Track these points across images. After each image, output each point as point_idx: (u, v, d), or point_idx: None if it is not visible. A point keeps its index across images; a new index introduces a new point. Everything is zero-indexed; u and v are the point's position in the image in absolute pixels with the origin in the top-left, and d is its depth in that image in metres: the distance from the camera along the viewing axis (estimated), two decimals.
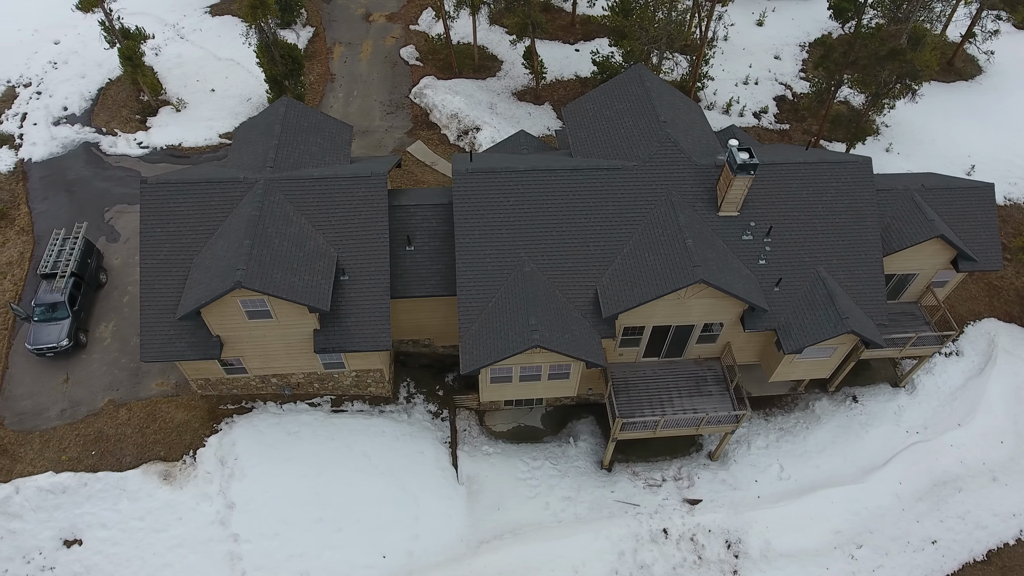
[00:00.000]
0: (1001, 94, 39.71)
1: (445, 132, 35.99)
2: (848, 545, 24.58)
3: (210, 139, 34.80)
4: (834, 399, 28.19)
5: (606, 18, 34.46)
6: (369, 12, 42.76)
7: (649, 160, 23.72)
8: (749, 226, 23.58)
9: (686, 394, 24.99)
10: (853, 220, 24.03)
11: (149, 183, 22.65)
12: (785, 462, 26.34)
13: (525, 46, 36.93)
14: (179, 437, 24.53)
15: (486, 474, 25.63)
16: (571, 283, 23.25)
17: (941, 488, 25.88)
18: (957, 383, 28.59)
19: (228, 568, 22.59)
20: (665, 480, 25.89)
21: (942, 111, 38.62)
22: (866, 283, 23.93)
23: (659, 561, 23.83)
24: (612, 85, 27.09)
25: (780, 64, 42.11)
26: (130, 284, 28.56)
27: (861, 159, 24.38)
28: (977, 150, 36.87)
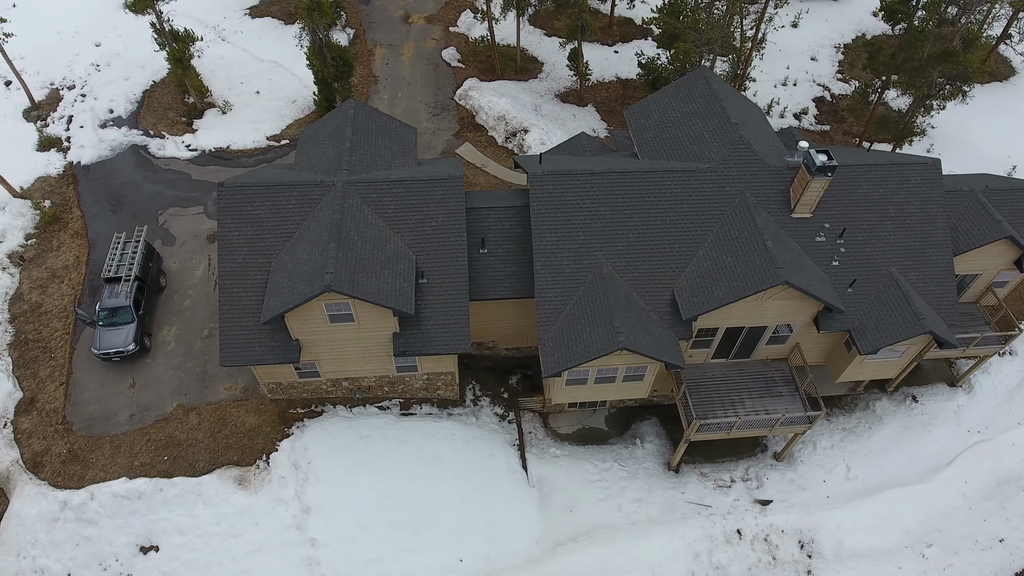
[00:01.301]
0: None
1: (492, 134, 36.01)
2: (918, 544, 24.75)
3: (258, 141, 34.69)
4: (893, 399, 28.35)
5: (654, 20, 34.53)
6: (408, 14, 42.72)
7: (723, 162, 23.82)
8: (823, 228, 23.70)
9: (756, 395, 25.10)
10: (923, 221, 24.21)
11: (227, 186, 22.57)
12: (851, 462, 26.48)
13: (571, 48, 36.96)
14: (251, 442, 24.41)
15: (556, 476, 25.66)
16: (647, 285, 23.32)
17: (1006, 487, 26.09)
18: (1014, 382, 28.82)
19: (307, 572, 22.51)
20: (734, 481, 26.00)
21: (980, 112, 38.89)
22: (937, 284, 24.11)
23: (734, 562, 23.91)
24: (676, 87, 27.19)
25: (816, 65, 42.36)
26: (189, 288, 28.44)
27: (930, 160, 24.57)
28: (1016, 151, 37.17)
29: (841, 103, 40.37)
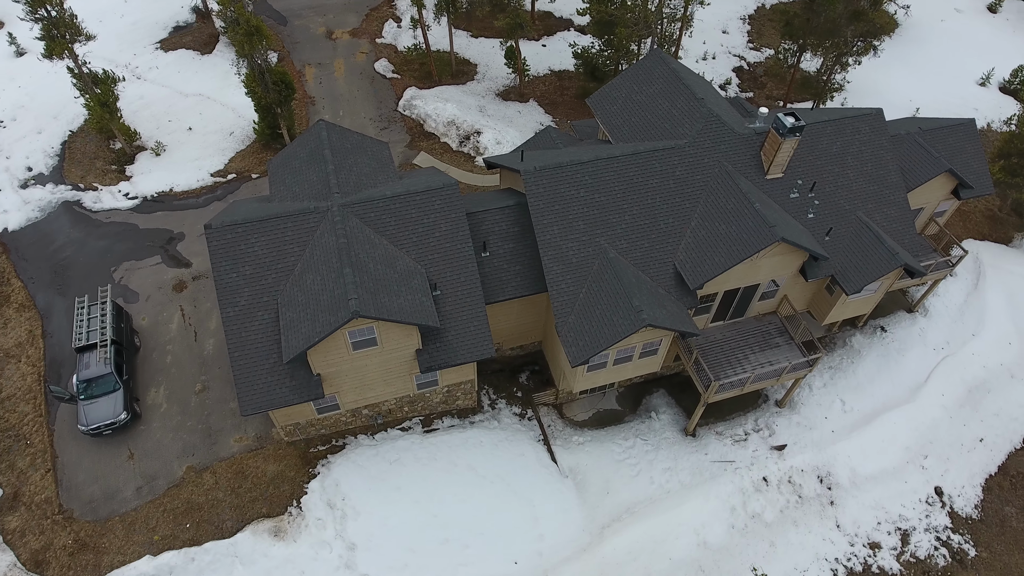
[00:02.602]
0: (922, 44, 44.46)
1: (446, 140, 35.84)
2: (917, 458, 27.11)
3: (203, 180, 32.83)
4: (865, 333, 30.80)
5: (586, 9, 35.45)
6: (330, 30, 41.64)
7: (698, 136, 25.00)
8: (796, 184, 25.40)
9: (757, 350, 26.56)
10: (878, 167, 26.44)
11: (215, 227, 21.35)
12: (844, 397, 28.57)
13: (506, 47, 37.36)
14: (277, 490, 23.27)
15: (585, 463, 26.09)
16: (650, 262, 24.16)
17: (975, 392, 29.03)
18: (961, 300, 32.03)
19: None
20: (748, 434, 27.40)
21: (879, 65, 42.71)
22: (898, 221, 26.44)
23: (767, 508, 25.28)
24: (635, 71, 28.19)
25: (729, 38, 45.00)
26: (167, 343, 26.64)
27: (874, 111, 26.84)
28: (915, 95, 41.17)
29: (758, 70, 43.13)
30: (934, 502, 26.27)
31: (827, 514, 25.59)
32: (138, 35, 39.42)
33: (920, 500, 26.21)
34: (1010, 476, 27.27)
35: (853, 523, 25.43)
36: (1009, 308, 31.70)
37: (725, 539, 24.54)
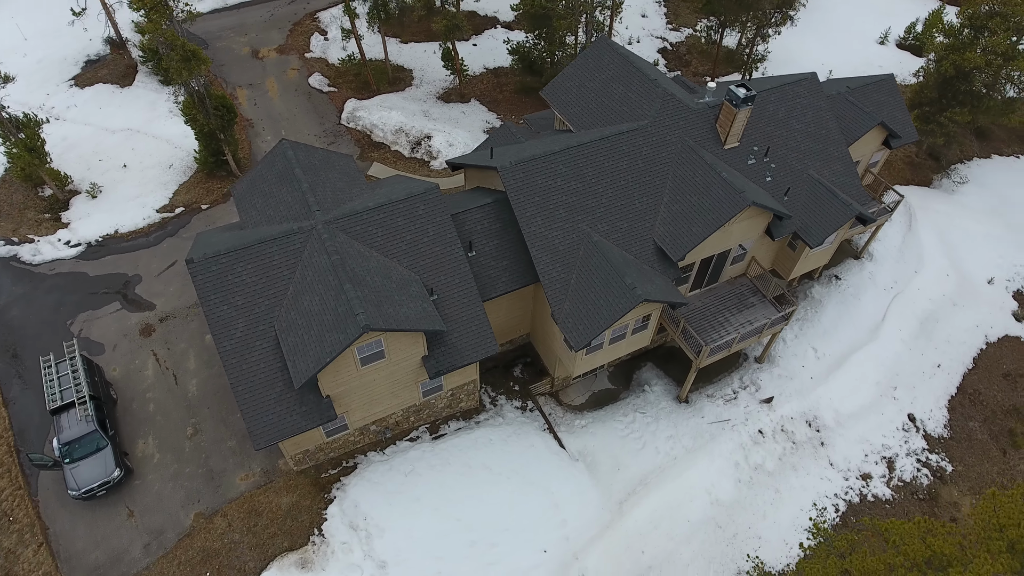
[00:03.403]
0: (827, 11, 47.59)
1: (396, 148, 35.51)
2: (888, 391, 29.26)
3: (149, 217, 31.17)
4: (822, 283, 32.87)
5: (518, 5, 35.86)
6: (255, 49, 40.31)
7: (658, 115, 25.98)
8: (752, 151, 26.84)
9: (736, 311, 27.90)
10: (820, 127, 28.27)
11: (197, 260, 20.46)
12: (815, 345, 30.43)
13: (443, 49, 37.36)
14: (295, 521, 22.59)
15: (592, 444, 26.66)
16: (631, 240, 24.95)
17: (926, 323, 31.60)
18: (899, 242, 34.70)
19: None
20: (737, 392, 28.74)
21: (793, 34, 45.34)
22: (844, 175, 28.37)
23: (767, 458, 26.68)
24: (584, 60, 28.92)
25: (649, 21, 46.66)
26: (147, 391, 25.28)
27: (809, 76, 28.65)
28: (827, 59, 44.08)
29: (681, 49, 44.98)
30: (909, 428, 28.45)
31: (820, 455, 27.26)
32: (47, 73, 36.88)
33: (897, 428, 28.32)
34: (968, 394, 29.86)
35: (844, 459, 27.21)
36: (941, 244, 34.63)
37: (735, 494, 25.73)
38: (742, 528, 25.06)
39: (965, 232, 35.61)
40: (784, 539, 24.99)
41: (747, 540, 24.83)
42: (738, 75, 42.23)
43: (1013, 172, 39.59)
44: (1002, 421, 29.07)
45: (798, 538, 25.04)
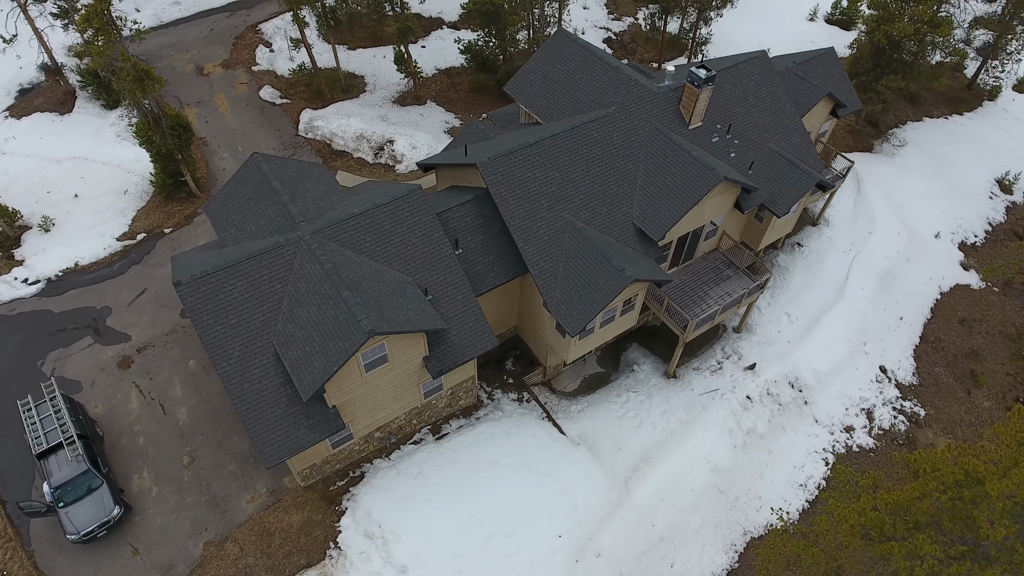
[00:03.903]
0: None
1: (359, 155, 35.17)
2: (859, 346, 30.84)
3: (110, 247, 29.96)
4: (786, 251, 34.33)
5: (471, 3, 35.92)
6: (199, 66, 39.14)
7: (624, 101, 26.64)
8: (716, 129, 27.84)
9: (713, 285, 28.88)
10: (774, 102, 29.54)
11: (185, 283, 19.90)
12: (787, 310, 31.78)
13: (396, 52, 37.17)
14: (309, 537, 22.24)
15: (591, 427, 27.16)
16: (611, 224, 25.53)
17: (885, 280, 33.43)
18: (851, 207, 36.55)
19: None
20: (721, 363, 29.75)
21: (731, 17, 46.80)
22: (800, 146, 29.73)
23: (758, 421, 27.77)
24: (545, 53, 29.35)
25: (591, 13, 47.53)
26: (135, 424, 24.39)
27: (760, 54, 29.89)
28: (763, 39, 45.77)
29: (625, 38, 46.02)
30: (882, 379, 30.07)
31: (805, 413, 28.55)
32: None
33: (871, 380, 29.89)
34: (930, 342, 31.76)
35: (827, 415, 28.57)
36: (889, 205, 36.67)
37: (732, 459, 26.69)
38: (742, 491, 26.04)
39: (909, 192, 37.79)
40: (782, 496, 26.10)
41: (748, 501, 25.82)
42: (684, 59, 43.55)
43: (944, 133, 42.21)
44: (963, 364, 31.06)
45: (794, 494, 26.23)
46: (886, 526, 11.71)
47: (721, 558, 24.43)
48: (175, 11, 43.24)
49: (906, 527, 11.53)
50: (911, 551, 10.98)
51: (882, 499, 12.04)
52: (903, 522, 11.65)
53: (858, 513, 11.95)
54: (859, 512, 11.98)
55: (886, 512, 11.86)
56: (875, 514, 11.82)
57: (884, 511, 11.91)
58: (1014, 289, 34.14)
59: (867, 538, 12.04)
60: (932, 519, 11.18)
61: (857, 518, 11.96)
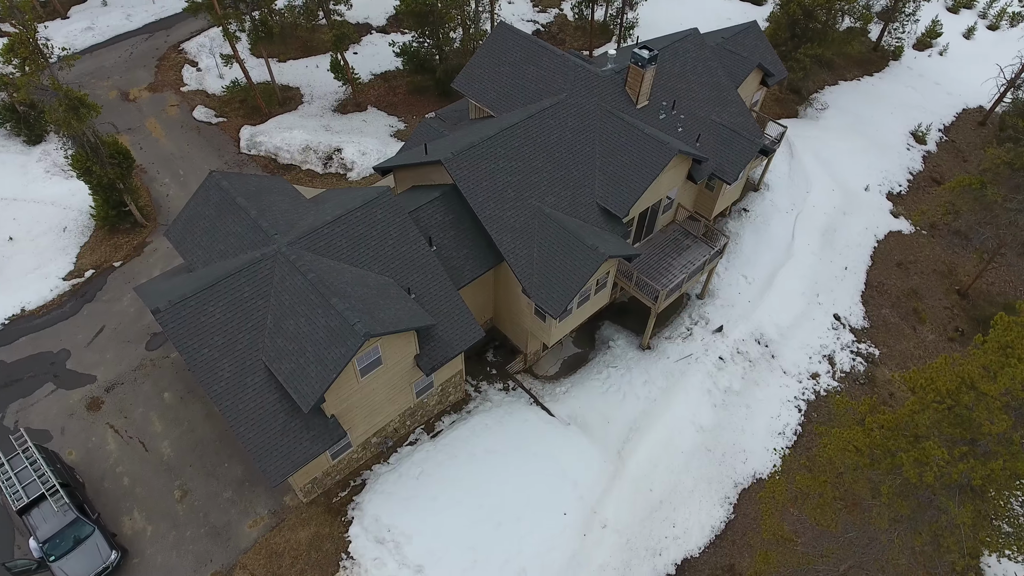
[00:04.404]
0: None
1: (308, 167, 34.62)
2: (812, 298, 32.73)
3: (57, 287, 28.49)
4: (734, 218, 36.01)
5: (403, 4, 35.85)
6: (124, 92, 37.52)
7: (574, 87, 27.40)
8: (662, 106, 28.97)
9: (674, 255, 30.06)
10: (711, 75, 30.99)
11: (165, 310, 19.29)
12: (743, 272, 33.37)
13: (331, 60, 36.73)
14: (320, 552, 21.95)
15: (578, 406, 27.80)
16: (577, 206, 26.24)
17: (825, 234, 35.55)
18: (787, 170, 38.65)
19: None
20: (690, 329, 30.97)
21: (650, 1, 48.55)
22: (738, 115, 31.29)
23: (733, 380, 29.11)
24: (489, 46, 29.77)
25: (516, 7, 48.23)
26: (116, 466, 23.40)
27: (693, 31, 31.28)
28: (691, 18, 47.66)
29: (553, 28, 46.96)
30: (837, 326, 32.04)
31: (774, 366, 30.12)
32: None
33: (828, 328, 31.80)
34: (874, 287, 34.03)
35: (794, 365, 30.23)
36: (820, 164, 38.98)
37: (714, 418, 27.90)
38: (728, 447, 27.27)
39: (835, 150, 40.26)
40: (764, 446, 27.50)
41: (735, 455, 27.08)
42: (613, 45, 44.84)
43: (859, 93, 45.14)
44: (906, 303, 33.46)
45: (775, 443, 27.68)
46: (890, 443, 12.83)
47: (718, 511, 25.56)
48: (88, 37, 41.29)
49: (908, 440, 12.68)
50: (918, 459, 12.09)
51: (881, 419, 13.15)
52: (904, 437, 12.80)
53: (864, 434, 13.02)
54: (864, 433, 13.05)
55: (888, 430, 13.00)
56: (880, 431, 12.94)
57: (886, 429, 13.04)
58: (939, 231, 36.99)
59: (872, 457, 13.16)
60: (931, 430, 12.35)
61: (863, 439, 13.03)
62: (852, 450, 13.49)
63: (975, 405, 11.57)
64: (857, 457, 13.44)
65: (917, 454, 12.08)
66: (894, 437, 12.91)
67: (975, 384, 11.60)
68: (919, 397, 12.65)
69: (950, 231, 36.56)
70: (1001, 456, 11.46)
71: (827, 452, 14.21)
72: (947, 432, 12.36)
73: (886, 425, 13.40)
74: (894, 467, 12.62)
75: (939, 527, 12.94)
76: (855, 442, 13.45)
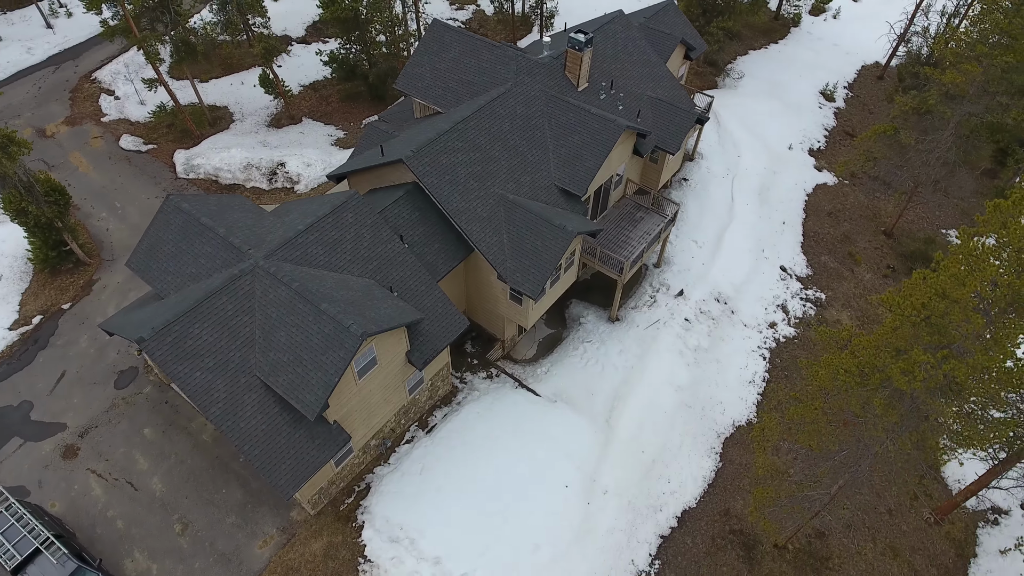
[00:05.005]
0: None
1: (252, 184, 33.91)
2: (759, 253, 34.70)
3: (4, 338, 26.90)
4: (676, 188, 37.72)
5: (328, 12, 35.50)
6: (40, 128, 35.52)
7: (518, 76, 28.13)
8: (601, 87, 30.13)
9: (631, 227, 31.35)
10: (641, 53, 32.43)
11: (149, 339, 18.75)
12: (694, 237, 35.08)
13: (261, 75, 36.00)
14: (336, 560, 21.87)
15: (561, 383, 28.64)
16: (537, 190, 27.03)
17: (760, 193, 37.80)
18: (716, 137, 40.78)
19: None
20: (653, 297, 32.36)
21: None
22: (671, 89, 32.89)
23: (700, 337, 30.69)
24: (426, 45, 30.09)
25: (433, 7, 48.39)
26: (105, 511, 22.51)
27: (618, 13, 32.61)
28: (598, 5, 49.30)
29: (473, 24, 47.54)
30: (785, 277, 34.21)
31: (735, 321, 31.91)
32: None
33: (777, 280, 33.92)
34: (811, 237, 36.49)
35: (752, 318, 32.13)
36: (746, 130, 41.33)
37: (689, 376, 29.37)
38: (706, 401, 28.78)
39: (756, 115, 42.75)
40: (739, 396, 29.17)
41: (713, 407, 28.61)
42: (536, 35, 45.84)
43: (768, 60, 48.01)
44: (841, 248, 36.09)
45: (747, 391, 29.39)
46: (876, 360, 14.26)
47: (707, 462, 27.00)
48: None
49: (891, 355, 14.13)
50: (905, 368, 13.54)
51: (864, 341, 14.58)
52: (888, 352, 14.24)
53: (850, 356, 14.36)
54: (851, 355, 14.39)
55: (872, 348, 14.43)
56: (865, 351, 14.34)
57: (870, 348, 14.49)
58: (860, 179, 39.99)
59: (862, 375, 14.58)
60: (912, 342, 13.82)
61: (851, 361, 14.39)
62: (843, 372, 14.86)
63: (949, 311, 13.10)
64: (847, 378, 14.83)
65: (904, 364, 13.53)
66: (879, 354, 14.34)
67: (947, 293, 13.10)
68: (897, 314, 14.12)
69: (869, 178, 39.62)
70: (976, 353, 13.02)
71: (818, 380, 15.57)
72: (926, 341, 13.88)
73: (869, 345, 14.84)
74: (883, 380, 14.05)
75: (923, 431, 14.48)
76: (844, 365, 14.83)
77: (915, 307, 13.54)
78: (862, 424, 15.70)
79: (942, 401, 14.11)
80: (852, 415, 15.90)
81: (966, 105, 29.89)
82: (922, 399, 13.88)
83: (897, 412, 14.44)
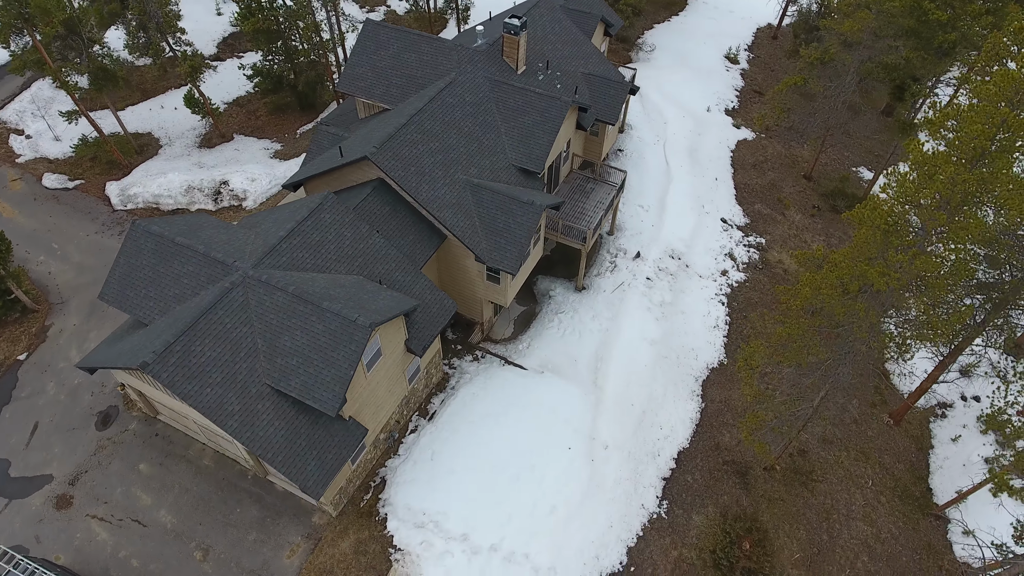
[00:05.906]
0: None
1: (198, 206, 32.94)
2: (699, 209, 37.13)
3: None
4: (613, 159, 39.56)
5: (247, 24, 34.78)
6: None
7: (460, 66, 28.87)
8: (538, 68, 31.31)
9: (584, 199, 32.80)
10: (569, 33, 33.84)
11: (153, 362, 18.33)
12: (640, 203, 36.99)
13: (186, 95, 34.90)
14: (367, 555, 22.06)
15: (543, 354, 29.74)
16: (497, 171, 27.93)
17: (691, 154, 40.25)
18: (640, 108, 42.91)
19: (527, 565, 22.88)
20: (614, 262, 33.97)
21: None
22: (600, 65, 34.50)
23: (663, 292, 32.56)
24: (363, 44, 30.30)
25: (344, 8, 48.24)
26: (117, 553, 21.73)
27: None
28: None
29: (408, 19, 47.70)
30: (727, 228, 36.71)
31: (690, 273, 34.03)
32: None
33: (721, 231, 36.36)
34: (742, 188, 39.25)
35: (705, 268, 34.36)
36: (666, 98, 43.77)
37: (659, 329, 31.15)
38: (679, 350, 30.65)
39: (673, 83, 45.33)
40: (707, 341, 31.24)
41: (686, 354, 30.53)
42: (455, 29, 46.51)
43: (673, 32, 50.87)
44: (770, 195, 39.03)
45: (714, 334, 31.49)
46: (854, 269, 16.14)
47: (691, 405, 28.85)
48: None
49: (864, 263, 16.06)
50: (882, 271, 15.46)
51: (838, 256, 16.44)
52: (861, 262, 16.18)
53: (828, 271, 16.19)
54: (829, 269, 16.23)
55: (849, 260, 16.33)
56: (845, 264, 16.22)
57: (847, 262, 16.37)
58: (775, 131, 43.24)
59: (842, 285, 16.44)
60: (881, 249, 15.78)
61: (831, 275, 16.22)
62: (826, 287, 16.69)
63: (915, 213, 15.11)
64: (830, 291, 16.66)
65: (880, 267, 15.44)
66: (856, 264, 16.23)
67: (911, 195, 15.10)
68: (867, 227, 16.05)
69: (784, 129, 42.90)
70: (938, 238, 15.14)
71: (802, 296, 17.36)
72: (895, 244, 15.88)
73: (846, 258, 16.73)
74: (864, 285, 15.94)
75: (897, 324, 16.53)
76: (826, 280, 16.66)
77: (881, 218, 15.49)
78: (844, 331, 17.65)
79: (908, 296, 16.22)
80: (827, 329, 17.85)
81: (863, 51, 33.14)
82: (895, 296, 15.93)
83: (876, 313, 16.42)
